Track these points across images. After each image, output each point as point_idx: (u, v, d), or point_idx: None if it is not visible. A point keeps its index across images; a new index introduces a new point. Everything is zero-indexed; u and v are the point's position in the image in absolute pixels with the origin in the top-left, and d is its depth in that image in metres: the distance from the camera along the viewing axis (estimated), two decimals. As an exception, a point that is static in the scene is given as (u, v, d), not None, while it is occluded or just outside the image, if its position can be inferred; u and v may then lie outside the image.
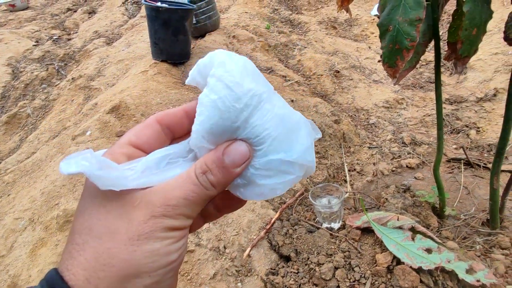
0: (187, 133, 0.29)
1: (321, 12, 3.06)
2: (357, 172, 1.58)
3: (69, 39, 3.32)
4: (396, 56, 0.89)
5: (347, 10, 0.94)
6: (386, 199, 1.31)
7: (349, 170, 1.58)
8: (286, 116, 0.27)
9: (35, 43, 3.22)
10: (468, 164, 1.51)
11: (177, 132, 0.29)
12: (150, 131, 0.28)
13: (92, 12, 3.97)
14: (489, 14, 0.85)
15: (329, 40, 2.65)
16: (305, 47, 2.48)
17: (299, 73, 2.26)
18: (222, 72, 0.25)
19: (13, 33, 3.35)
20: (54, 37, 3.36)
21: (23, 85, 2.54)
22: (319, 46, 2.55)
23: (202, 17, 2.46)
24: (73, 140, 1.52)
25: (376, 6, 3.11)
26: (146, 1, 2.04)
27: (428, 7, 0.95)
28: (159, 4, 1.99)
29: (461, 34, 0.85)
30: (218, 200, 0.30)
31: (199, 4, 2.36)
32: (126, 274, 0.23)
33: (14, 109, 2.31)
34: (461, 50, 0.88)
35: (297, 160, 0.27)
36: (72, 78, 2.33)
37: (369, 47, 2.65)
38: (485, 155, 1.57)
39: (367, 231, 1.13)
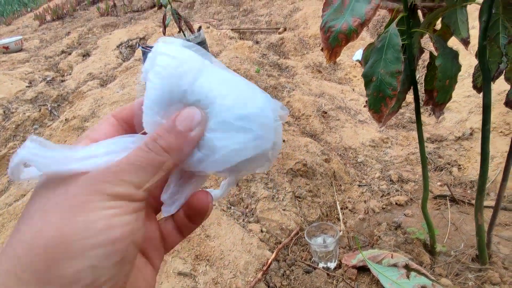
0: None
1: (307, 57, 3.27)
2: (349, 210, 1.61)
3: (62, 81, 3.39)
4: (380, 103, 0.98)
5: (335, 62, 1.05)
6: (379, 236, 1.34)
7: (341, 208, 1.61)
8: (235, 77, 0.26)
9: (28, 85, 3.27)
10: (453, 200, 1.58)
11: (134, 125, 0.28)
12: (107, 125, 0.27)
13: (86, 55, 4.10)
14: (458, 67, 0.96)
15: (315, 83, 2.81)
16: (293, 89, 2.63)
17: (288, 114, 2.37)
18: (165, 49, 0.25)
19: (5, 74, 3.39)
20: (48, 79, 3.42)
21: (14, 126, 2.54)
22: (307, 89, 2.70)
23: (196, 61, 2.59)
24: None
25: (357, 52, 3.37)
26: (143, 47, 2.15)
27: (405, 60, 1.07)
28: (156, 50, 2.11)
29: (436, 84, 0.95)
30: (185, 207, 0.27)
31: (193, 50, 2.50)
32: (53, 255, 0.19)
33: (3, 150, 2.29)
34: (437, 98, 0.98)
35: (255, 114, 0.25)
36: (66, 119, 2.36)
37: (353, 89, 2.83)
38: (468, 191, 1.65)
39: (363, 269, 1.15)
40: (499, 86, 1.46)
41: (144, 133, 0.26)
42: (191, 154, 0.25)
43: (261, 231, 1.37)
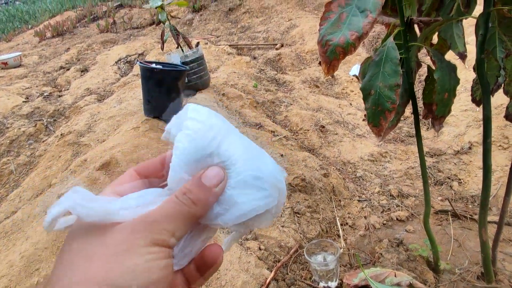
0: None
1: (304, 72, 3.30)
2: (349, 226, 1.57)
3: (60, 96, 3.39)
4: (379, 117, 0.97)
5: (333, 76, 1.04)
6: (381, 253, 1.30)
7: (341, 224, 1.58)
8: (251, 144, 0.31)
9: (25, 100, 3.26)
10: (455, 215, 1.54)
11: (156, 182, 0.30)
12: (130, 179, 0.29)
13: (84, 70, 4.12)
14: (457, 81, 0.96)
15: (313, 98, 2.82)
16: (291, 104, 2.63)
17: (286, 128, 2.36)
18: (194, 115, 0.28)
19: (2, 89, 3.39)
20: (45, 94, 3.42)
21: (8, 141, 2.51)
22: (304, 103, 2.71)
23: (194, 76, 2.60)
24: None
25: (354, 67, 3.40)
26: (141, 63, 2.16)
27: (403, 73, 1.06)
28: (153, 65, 2.11)
29: (435, 97, 0.94)
30: (196, 259, 0.29)
31: (191, 65, 2.52)
32: None
33: (-4, 165, 2.24)
34: (437, 112, 0.97)
35: (268, 176, 0.29)
36: (61, 134, 2.33)
37: (350, 104, 2.83)
38: (470, 206, 1.62)
39: (365, 289, 1.10)
40: (496, 100, 1.46)
41: (164, 186, 0.29)
42: (212, 208, 0.28)
43: (259, 248, 1.33)
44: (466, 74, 2.25)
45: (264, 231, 1.39)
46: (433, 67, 0.98)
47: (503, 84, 0.94)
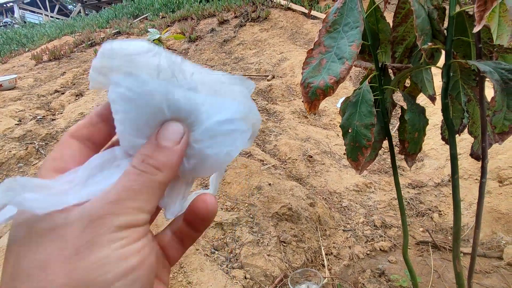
0: (109, 138, 0.27)
1: (294, 103, 3.43)
2: (334, 255, 1.61)
3: (53, 119, 3.42)
4: (357, 152, 1.05)
5: (315, 114, 1.13)
6: (363, 284, 1.33)
7: (326, 254, 1.61)
8: (208, 80, 0.25)
9: (18, 122, 3.28)
10: (435, 247, 1.60)
11: (99, 140, 0.26)
12: (69, 149, 0.25)
13: (79, 95, 4.19)
14: (426, 121, 1.05)
15: (301, 128, 2.93)
16: (281, 134, 2.72)
17: (275, 158, 2.43)
18: (119, 62, 0.23)
19: (-4, 112, 3.42)
20: (38, 117, 3.45)
21: (-3, 164, 2.51)
22: (293, 133, 2.80)
23: (187, 105, 2.69)
24: None
25: (341, 99, 3.55)
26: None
27: (379, 113, 1.16)
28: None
29: (406, 136, 1.03)
30: (186, 213, 0.27)
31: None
32: None
33: (-17, 188, 2.23)
34: (409, 149, 1.06)
35: (236, 115, 0.25)
36: (52, 158, 2.35)
37: (338, 135, 2.94)
38: (449, 237, 1.68)
39: (346, 320, 1.12)
40: (470, 137, 1.57)
41: (111, 146, 0.26)
42: (181, 164, 0.25)
43: (245, 277, 1.35)
44: (440, 114, 2.39)
45: (250, 259, 1.42)
46: (406, 108, 1.08)
47: (467, 125, 1.04)
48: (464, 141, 2.16)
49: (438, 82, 1.24)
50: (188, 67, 0.25)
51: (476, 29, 0.63)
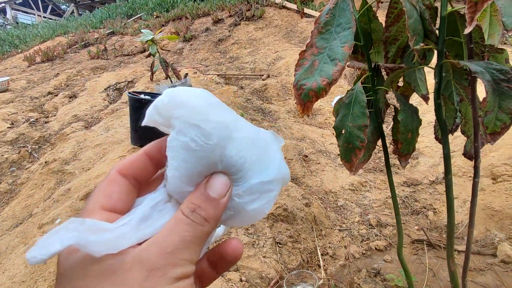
0: (153, 178, 0.28)
1: (289, 102, 3.43)
2: (330, 256, 1.61)
3: (46, 122, 3.39)
4: (350, 153, 1.04)
5: (308, 115, 1.13)
6: (359, 284, 1.34)
7: (322, 254, 1.61)
8: (255, 139, 0.28)
9: (10, 125, 3.24)
10: (430, 245, 1.60)
11: (143, 179, 0.28)
12: (117, 187, 0.26)
13: (73, 97, 4.15)
14: (419, 122, 1.05)
15: (297, 127, 2.92)
16: (276, 133, 2.71)
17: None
18: (186, 112, 0.25)
19: (-12, 115, 3.37)
20: (31, 120, 3.41)
21: (-10, 168, 2.48)
22: (289, 133, 2.80)
23: (181, 106, 2.68)
24: (39, 228, 1.46)
25: (336, 98, 3.55)
26: (129, 93, 2.22)
27: (372, 113, 1.16)
28: (142, 96, 2.18)
29: (399, 137, 1.03)
30: (210, 255, 0.29)
31: (178, 95, 2.60)
32: None
33: (-25, 193, 2.20)
34: (402, 149, 1.06)
35: (275, 177, 0.28)
36: (45, 162, 2.33)
37: (333, 133, 2.94)
38: (444, 235, 1.68)
39: (342, 321, 1.12)
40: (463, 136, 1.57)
41: (154, 184, 0.28)
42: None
43: (240, 280, 1.34)
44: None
45: (246, 262, 1.41)
46: (399, 108, 1.08)
47: (460, 125, 1.04)
48: (458, 138, 2.17)
49: (431, 81, 1.24)
50: (241, 125, 0.27)
51: (467, 31, 0.63)
